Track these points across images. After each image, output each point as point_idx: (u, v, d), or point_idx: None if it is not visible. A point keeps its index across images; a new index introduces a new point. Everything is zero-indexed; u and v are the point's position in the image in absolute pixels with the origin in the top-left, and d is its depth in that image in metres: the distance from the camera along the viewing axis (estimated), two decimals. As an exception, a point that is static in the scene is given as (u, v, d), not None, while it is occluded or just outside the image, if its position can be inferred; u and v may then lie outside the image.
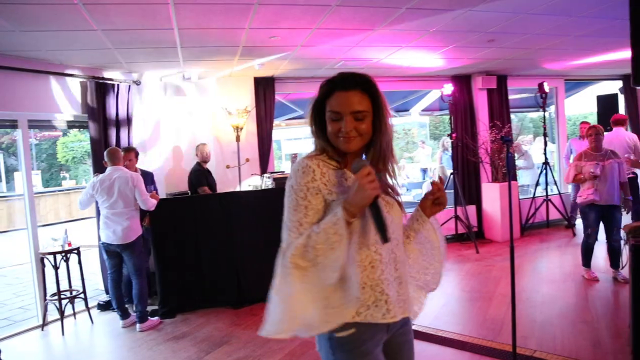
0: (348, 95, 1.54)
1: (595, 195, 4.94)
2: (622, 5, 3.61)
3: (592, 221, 5.10)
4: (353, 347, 1.57)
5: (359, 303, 1.55)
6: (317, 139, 1.64)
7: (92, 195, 4.71)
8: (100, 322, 5.07)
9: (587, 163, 5.03)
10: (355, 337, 1.56)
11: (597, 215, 5.06)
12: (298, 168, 1.56)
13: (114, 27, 4.13)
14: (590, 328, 4.02)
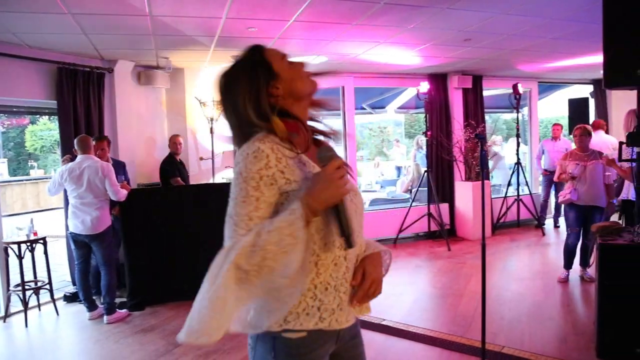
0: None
1: (573, 195, 4.92)
2: (595, 10, 3.69)
3: (572, 221, 5.07)
4: (300, 354, 1.35)
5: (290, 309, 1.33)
6: (255, 123, 1.36)
7: (61, 183, 4.59)
8: (66, 314, 4.94)
9: (571, 163, 5.02)
10: (305, 342, 1.34)
11: (577, 215, 5.01)
12: (248, 152, 1.30)
13: (85, 11, 4.01)
14: (557, 325, 4.10)
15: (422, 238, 7.76)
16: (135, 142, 6.28)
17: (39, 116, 16.62)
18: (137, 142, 6.31)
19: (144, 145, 6.45)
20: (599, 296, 3.38)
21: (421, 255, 6.80)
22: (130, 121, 6.15)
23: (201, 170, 6.62)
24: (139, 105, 6.38)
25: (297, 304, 1.33)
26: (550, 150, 7.97)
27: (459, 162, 7.85)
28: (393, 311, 4.43)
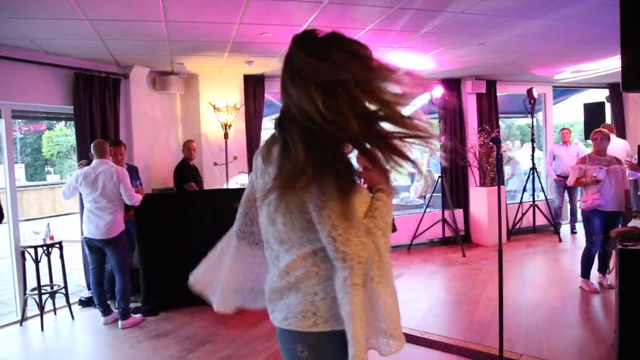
0: None
1: (601, 200, 4.73)
2: (612, 12, 3.64)
3: (597, 228, 4.83)
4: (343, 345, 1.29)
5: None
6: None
7: (76, 187, 4.62)
8: (81, 318, 4.97)
9: (591, 167, 4.83)
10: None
11: (602, 222, 4.81)
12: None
13: (102, 17, 4.06)
14: (576, 333, 4.03)
15: (437, 244, 7.70)
16: (150, 147, 6.33)
17: (55, 122, 16.83)
18: (151, 147, 6.36)
19: (158, 151, 6.49)
20: (620, 303, 3.31)
21: (436, 261, 6.74)
22: (145, 126, 6.20)
23: (215, 175, 6.64)
24: (153, 111, 6.43)
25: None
26: (562, 155, 7.89)
27: (473, 167, 7.78)
28: (408, 318, 4.38)
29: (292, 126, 1.27)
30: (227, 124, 6.52)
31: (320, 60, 1.25)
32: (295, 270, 1.35)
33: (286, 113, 1.31)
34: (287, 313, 1.37)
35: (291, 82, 1.27)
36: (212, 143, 6.72)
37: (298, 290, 1.36)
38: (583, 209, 4.95)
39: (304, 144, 1.22)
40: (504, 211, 7.72)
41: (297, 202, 1.27)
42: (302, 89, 1.24)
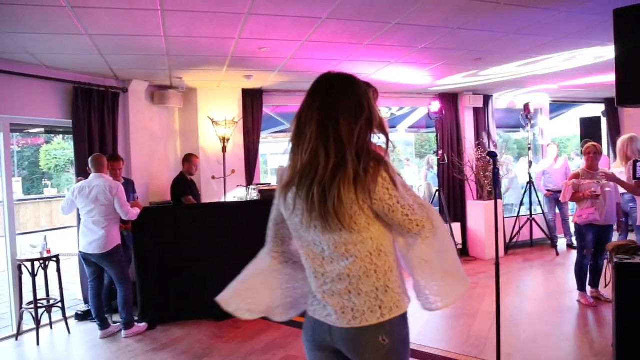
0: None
1: (596, 214, 4.76)
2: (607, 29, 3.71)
3: (589, 242, 4.90)
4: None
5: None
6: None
7: (73, 201, 4.63)
8: (77, 332, 4.93)
9: (586, 181, 4.85)
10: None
11: (594, 236, 4.89)
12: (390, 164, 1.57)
13: (102, 32, 4.10)
14: (573, 346, 4.03)
15: (434, 257, 7.68)
16: (148, 161, 6.34)
17: (53, 135, 16.84)
18: (150, 160, 6.38)
19: (156, 164, 6.51)
20: (617, 316, 3.31)
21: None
22: (143, 140, 6.23)
23: (213, 189, 6.66)
24: (152, 125, 6.46)
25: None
26: (551, 170, 7.94)
27: (470, 181, 7.82)
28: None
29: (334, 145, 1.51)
30: (225, 138, 6.55)
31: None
32: (356, 271, 1.53)
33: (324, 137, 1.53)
34: (354, 313, 1.54)
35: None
36: (210, 157, 6.74)
37: (360, 290, 1.53)
38: (577, 223, 4.96)
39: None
40: (501, 225, 7.73)
41: (356, 203, 1.50)
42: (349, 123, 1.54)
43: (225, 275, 5.67)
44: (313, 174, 1.50)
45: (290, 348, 4.23)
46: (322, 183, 1.49)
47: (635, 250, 3.46)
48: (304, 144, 1.54)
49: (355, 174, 1.47)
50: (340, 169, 1.47)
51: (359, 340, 1.54)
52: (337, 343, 1.59)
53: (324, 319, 1.59)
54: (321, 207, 1.49)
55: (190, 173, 6.10)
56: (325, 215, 1.49)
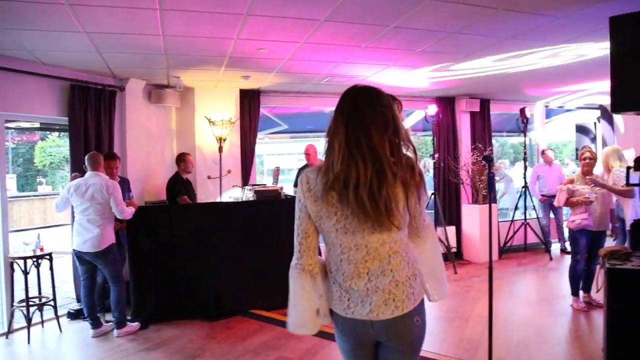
0: None
1: (589, 220, 4.80)
2: (603, 36, 3.74)
3: (582, 247, 4.93)
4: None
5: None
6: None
7: (68, 198, 4.61)
8: (69, 331, 4.91)
9: (580, 187, 4.88)
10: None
11: (588, 242, 4.91)
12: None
13: (100, 30, 4.09)
14: (564, 350, 4.05)
15: (428, 261, 7.69)
16: (144, 160, 6.33)
17: (49, 133, 16.77)
18: (146, 159, 6.36)
19: (152, 163, 6.49)
20: (608, 321, 3.33)
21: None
22: (139, 139, 6.22)
23: (208, 189, 6.65)
24: (149, 124, 6.45)
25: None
26: (546, 175, 7.97)
27: (466, 185, 7.84)
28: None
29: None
30: (222, 138, 6.54)
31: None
32: (397, 265, 1.71)
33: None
34: (396, 303, 1.70)
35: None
36: (207, 156, 6.73)
37: (398, 282, 1.71)
38: (570, 228, 5.01)
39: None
40: (495, 229, 7.76)
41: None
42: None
43: (219, 275, 5.69)
44: (355, 181, 1.61)
45: (283, 349, 4.22)
46: (370, 188, 1.60)
47: (627, 256, 3.48)
48: (335, 153, 1.64)
49: (402, 180, 1.65)
50: (381, 176, 1.61)
51: (400, 326, 1.72)
52: (379, 335, 1.73)
53: (366, 316, 1.70)
54: (374, 210, 1.61)
55: (187, 171, 6.08)
56: (379, 217, 1.62)
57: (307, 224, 1.75)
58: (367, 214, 1.62)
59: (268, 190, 5.68)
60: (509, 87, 7.41)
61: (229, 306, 5.16)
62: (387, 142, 1.64)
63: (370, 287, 1.70)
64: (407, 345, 1.77)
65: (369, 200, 1.60)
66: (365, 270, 1.70)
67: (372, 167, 1.61)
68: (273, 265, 5.31)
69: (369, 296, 1.69)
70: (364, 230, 1.66)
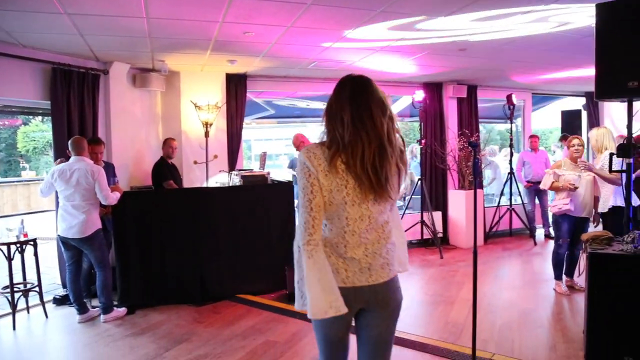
0: None
1: (570, 205, 4.85)
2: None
3: (564, 232, 5.00)
4: None
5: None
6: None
7: (52, 183, 4.56)
8: (55, 316, 4.88)
9: (567, 173, 4.93)
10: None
11: (570, 227, 4.97)
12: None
13: (81, 12, 4.00)
14: (546, 333, 4.12)
15: (415, 246, 7.77)
16: (129, 145, 6.26)
17: (31, 117, 16.48)
18: (131, 144, 6.29)
19: (137, 148, 6.43)
20: (589, 305, 3.40)
21: (413, 262, 6.81)
22: (124, 123, 6.14)
23: (195, 174, 6.61)
24: (133, 108, 6.36)
25: None
26: (532, 161, 8.04)
27: (452, 170, 7.89)
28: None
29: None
30: (208, 123, 6.49)
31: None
32: (388, 233, 1.92)
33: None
34: (390, 267, 1.90)
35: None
36: (193, 141, 6.68)
37: (388, 248, 1.90)
38: (553, 212, 5.08)
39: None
40: (481, 214, 7.84)
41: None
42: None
43: (206, 260, 5.68)
44: (361, 153, 1.76)
45: (270, 333, 4.25)
46: (373, 162, 1.77)
47: (608, 241, 3.54)
48: (341, 127, 1.79)
49: (397, 157, 1.84)
50: (382, 152, 1.78)
51: (390, 287, 1.90)
52: (371, 299, 1.86)
53: (365, 281, 1.83)
54: (377, 182, 1.78)
55: (169, 156, 6.04)
56: (380, 189, 1.79)
57: (320, 197, 1.79)
58: (371, 185, 1.77)
59: (255, 175, 5.66)
60: (496, 74, 7.43)
61: (215, 291, 5.17)
62: (385, 124, 1.81)
63: (368, 253, 1.84)
64: (391, 310, 1.92)
65: (372, 173, 1.76)
66: (365, 241, 1.84)
67: (375, 143, 1.78)
68: (260, 250, 5.36)
69: (368, 262, 1.83)
70: (368, 201, 1.81)
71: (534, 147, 8.15)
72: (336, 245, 1.83)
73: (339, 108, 1.82)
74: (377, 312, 1.88)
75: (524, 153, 8.40)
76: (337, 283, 1.78)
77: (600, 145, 4.90)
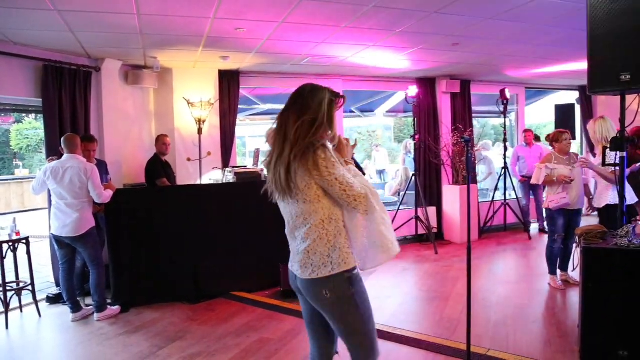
0: None
1: (567, 199, 4.85)
2: (580, 16, 3.74)
3: (560, 227, 5.00)
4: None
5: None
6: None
7: (44, 181, 4.52)
8: (48, 315, 4.86)
9: (559, 166, 4.91)
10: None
11: (565, 221, 4.98)
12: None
13: (71, 8, 3.97)
14: (541, 328, 4.13)
15: (410, 241, 7.78)
16: (122, 142, 6.23)
17: (24, 115, 16.36)
18: (123, 142, 6.26)
19: (130, 146, 6.39)
20: (583, 299, 3.40)
21: (408, 258, 6.81)
22: (117, 121, 6.10)
23: (188, 171, 6.58)
24: (126, 105, 6.32)
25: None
26: (526, 156, 8.05)
27: (446, 165, 7.89)
28: (379, 314, 4.39)
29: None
30: (201, 120, 6.46)
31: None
32: (312, 234, 2.00)
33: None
34: (312, 268, 2.00)
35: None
36: (186, 138, 6.65)
37: (316, 250, 1.99)
38: (549, 208, 5.02)
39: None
40: (475, 209, 7.85)
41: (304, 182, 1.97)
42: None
43: (200, 258, 5.65)
44: (273, 160, 2.01)
45: (265, 330, 4.24)
46: (276, 167, 1.98)
47: (602, 235, 3.54)
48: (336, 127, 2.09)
49: (294, 159, 1.93)
50: (281, 157, 1.97)
51: (311, 290, 2.03)
52: (303, 290, 2.08)
53: (295, 271, 2.08)
54: (279, 185, 1.98)
55: (163, 153, 6.00)
56: (283, 192, 1.98)
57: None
58: (278, 188, 2.04)
59: (248, 172, 5.63)
60: (489, 69, 7.42)
61: (210, 288, 5.15)
62: (298, 126, 1.99)
63: (293, 249, 2.11)
64: (324, 309, 2.05)
65: (277, 177, 2.03)
66: (292, 236, 2.13)
67: (278, 150, 2.03)
68: (254, 247, 5.34)
69: (295, 257, 2.08)
70: (283, 202, 2.10)
71: (529, 142, 8.16)
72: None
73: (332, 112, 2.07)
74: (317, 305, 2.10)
75: (519, 147, 8.41)
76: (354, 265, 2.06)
77: (600, 137, 4.72)
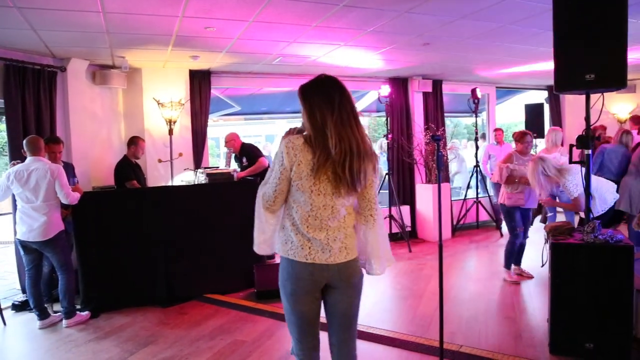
0: None
1: (523, 200, 5.11)
2: (547, 17, 3.80)
3: (518, 221, 5.23)
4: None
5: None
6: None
7: (8, 186, 4.37)
8: (14, 323, 4.70)
9: (519, 167, 5.09)
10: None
11: (521, 215, 5.25)
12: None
13: (32, 5, 3.82)
14: (512, 323, 4.19)
15: (384, 240, 7.80)
16: (90, 144, 6.08)
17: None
18: (91, 143, 6.11)
19: (99, 147, 6.24)
20: (552, 294, 3.47)
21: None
22: (84, 122, 5.95)
23: (159, 172, 6.46)
24: (93, 106, 6.17)
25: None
26: (497, 155, 8.17)
27: (419, 164, 7.95)
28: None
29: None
30: (171, 120, 6.36)
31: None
32: (348, 222, 2.19)
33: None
34: (347, 250, 2.17)
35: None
36: (156, 139, 6.53)
37: (346, 235, 2.17)
38: (505, 204, 5.24)
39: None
40: (448, 208, 7.93)
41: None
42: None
43: (172, 260, 5.55)
44: (349, 156, 2.03)
45: (239, 332, 4.19)
46: (352, 161, 2.03)
47: (569, 231, 3.62)
48: (327, 135, 2.04)
49: (374, 157, 2.14)
50: (364, 155, 2.07)
51: (350, 269, 2.18)
52: (333, 276, 2.15)
53: (325, 260, 2.12)
54: (350, 179, 2.04)
55: (136, 156, 5.89)
56: (352, 186, 2.06)
57: (285, 184, 2.11)
58: (344, 182, 2.05)
59: (221, 172, 5.57)
60: (460, 69, 7.51)
61: (182, 291, 5.07)
62: (362, 129, 2.14)
63: (329, 238, 2.12)
64: (353, 286, 2.21)
65: (351, 172, 2.05)
66: (326, 227, 2.12)
67: (358, 148, 2.08)
68: (227, 249, 5.28)
69: (329, 245, 2.12)
70: (333, 194, 2.08)
71: (499, 140, 8.29)
72: (300, 225, 2.13)
73: (322, 109, 2.10)
74: (340, 288, 2.18)
75: (490, 146, 8.53)
76: (299, 259, 2.11)
77: (551, 144, 5.23)
